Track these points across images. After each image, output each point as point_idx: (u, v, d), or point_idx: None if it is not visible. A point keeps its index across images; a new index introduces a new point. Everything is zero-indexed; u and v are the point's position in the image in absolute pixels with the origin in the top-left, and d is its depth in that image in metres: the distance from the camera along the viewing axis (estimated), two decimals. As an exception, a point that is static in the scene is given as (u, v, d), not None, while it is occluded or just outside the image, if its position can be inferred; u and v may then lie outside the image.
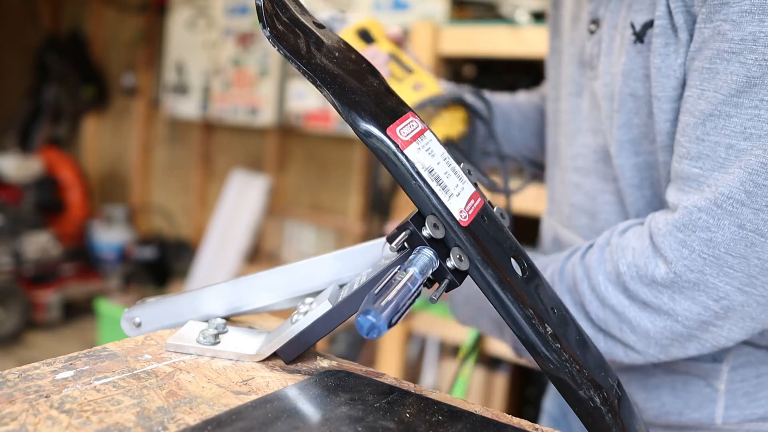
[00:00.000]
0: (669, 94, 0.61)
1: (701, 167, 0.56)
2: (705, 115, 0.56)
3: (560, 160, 0.80)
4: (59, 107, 4.17)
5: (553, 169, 0.84)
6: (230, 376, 0.48)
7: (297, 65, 0.45)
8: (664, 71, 0.61)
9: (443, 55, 1.95)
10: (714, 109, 0.55)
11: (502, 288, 0.45)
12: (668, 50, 0.60)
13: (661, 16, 0.61)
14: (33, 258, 3.40)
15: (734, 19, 0.54)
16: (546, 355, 0.46)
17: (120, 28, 4.02)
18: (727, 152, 0.55)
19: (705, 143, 0.56)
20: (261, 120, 3.23)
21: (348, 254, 0.54)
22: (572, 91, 0.77)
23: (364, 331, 0.37)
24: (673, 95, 0.61)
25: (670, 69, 0.60)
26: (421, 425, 0.43)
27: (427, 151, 0.47)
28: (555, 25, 0.85)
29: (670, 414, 0.70)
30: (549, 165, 0.86)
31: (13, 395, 0.41)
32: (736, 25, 0.54)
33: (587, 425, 0.48)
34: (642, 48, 0.64)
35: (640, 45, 0.64)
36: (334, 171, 3.24)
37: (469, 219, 0.47)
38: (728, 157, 0.54)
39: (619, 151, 0.68)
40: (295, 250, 3.30)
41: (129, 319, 0.58)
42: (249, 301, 0.56)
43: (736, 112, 0.54)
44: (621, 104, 0.66)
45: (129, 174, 4.13)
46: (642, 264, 0.59)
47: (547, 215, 0.87)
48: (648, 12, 0.63)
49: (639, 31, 0.64)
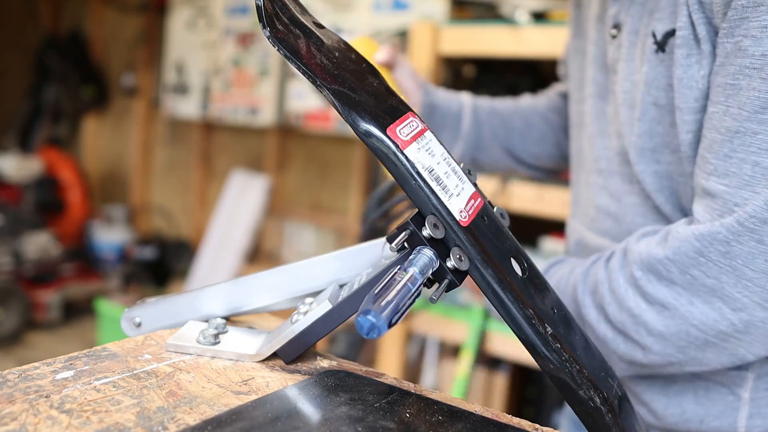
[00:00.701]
0: (691, 105, 0.61)
1: (728, 184, 0.56)
2: (731, 132, 0.56)
3: (584, 162, 0.80)
4: (59, 107, 4.17)
5: (578, 172, 0.83)
6: (230, 376, 0.48)
7: (297, 65, 0.45)
8: (686, 82, 0.61)
9: (443, 55, 1.95)
10: (740, 126, 0.55)
11: (502, 288, 0.45)
12: (690, 61, 0.60)
13: (682, 27, 0.60)
14: (33, 258, 3.40)
15: (754, 35, 0.54)
16: (546, 355, 0.46)
17: (120, 28, 4.02)
18: (753, 169, 0.55)
19: (732, 160, 0.56)
20: (261, 120, 3.23)
21: (348, 254, 0.54)
22: (594, 93, 0.77)
23: (364, 331, 0.37)
24: (696, 106, 0.61)
25: (692, 80, 0.60)
26: (421, 425, 0.43)
27: (427, 151, 0.47)
28: (578, 25, 0.84)
29: (690, 422, 0.68)
30: (573, 168, 0.85)
31: (13, 395, 0.41)
32: (757, 40, 0.54)
33: (587, 425, 0.48)
34: (664, 57, 0.63)
35: (662, 54, 0.63)
36: (334, 171, 3.24)
37: (469, 219, 0.47)
38: (754, 174, 0.55)
39: (639, 158, 0.67)
40: (295, 250, 3.30)
41: (129, 319, 0.58)
42: (249, 301, 0.56)
43: (762, 129, 0.54)
44: (643, 113, 0.66)
45: (129, 174, 4.13)
46: (662, 268, 0.59)
47: (571, 218, 0.86)
48: (669, 21, 0.63)
49: (660, 41, 0.63)
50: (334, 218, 3.20)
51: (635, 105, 0.67)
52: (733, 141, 0.56)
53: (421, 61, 1.95)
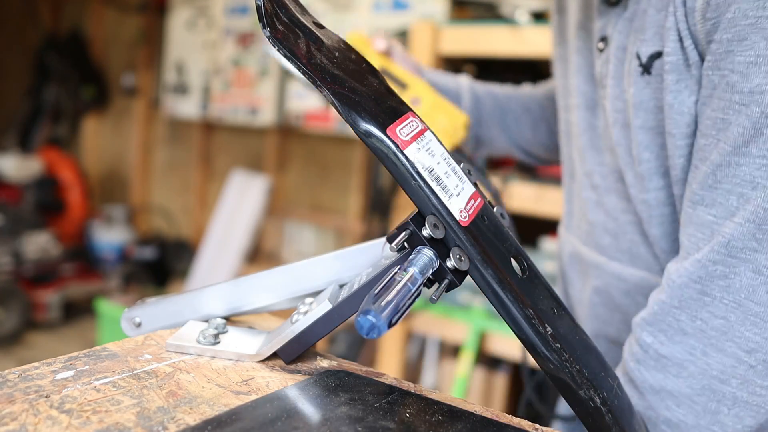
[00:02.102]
0: (683, 131, 0.61)
1: (714, 215, 0.57)
2: (715, 165, 0.56)
3: (575, 174, 0.79)
4: (59, 107, 4.17)
5: (570, 182, 0.82)
6: (230, 376, 0.48)
7: (297, 65, 0.45)
8: (677, 108, 0.60)
9: (443, 55, 1.95)
10: (723, 159, 0.56)
11: (502, 288, 0.45)
12: (680, 86, 0.60)
13: (671, 52, 0.60)
14: (33, 258, 3.40)
15: (741, 71, 0.54)
16: (546, 355, 0.46)
17: (120, 28, 4.02)
18: (738, 201, 0.55)
19: (717, 191, 0.56)
20: (261, 120, 3.23)
21: (348, 254, 0.54)
22: (581, 104, 0.76)
23: (364, 331, 0.37)
24: (687, 132, 0.61)
25: (683, 106, 0.60)
26: (421, 425, 0.43)
27: (427, 151, 0.47)
28: (561, 32, 0.83)
29: None
30: (565, 176, 0.85)
31: (13, 395, 0.41)
32: (743, 76, 0.54)
33: (587, 425, 0.48)
34: (650, 80, 0.63)
35: (647, 77, 0.63)
36: (334, 171, 3.24)
37: (469, 219, 0.47)
38: (739, 206, 0.55)
39: (634, 181, 0.67)
40: (295, 250, 3.30)
41: (129, 319, 0.58)
42: (249, 301, 0.56)
43: (745, 161, 0.54)
44: (633, 136, 0.66)
45: (129, 174, 4.13)
46: (671, 320, 0.58)
47: (564, 229, 0.85)
48: (653, 43, 0.62)
49: (645, 63, 0.63)
50: (334, 218, 3.20)
51: (627, 126, 0.67)
52: (716, 173, 0.56)
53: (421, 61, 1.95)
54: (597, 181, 0.74)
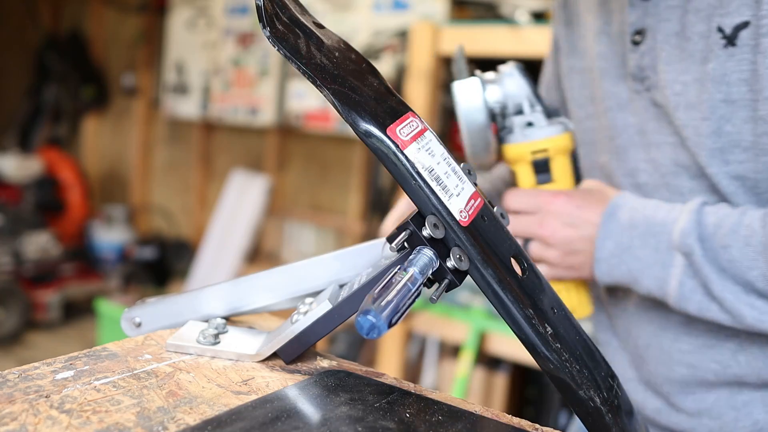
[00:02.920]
0: None
1: None
2: None
3: (612, 177, 0.77)
4: (59, 107, 4.17)
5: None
6: (230, 376, 0.48)
7: (297, 65, 0.45)
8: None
9: (443, 55, 1.95)
10: None
11: (502, 288, 0.45)
12: None
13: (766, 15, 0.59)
14: (33, 258, 3.40)
15: None
16: (546, 355, 0.46)
17: (120, 28, 4.02)
18: None
19: None
20: (261, 120, 3.23)
21: (348, 254, 0.54)
22: (612, 105, 0.75)
23: (364, 331, 0.37)
24: None
25: None
26: (421, 425, 0.43)
27: (427, 151, 0.47)
28: (571, 45, 0.82)
29: (765, 431, 0.66)
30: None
31: (13, 395, 0.41)
32: None
33: (587, 425, 0.48)
34: (735, 51, 0.62)
35: (731, 48, 0.62)
36: (334, 171, 3.24)
37: (469, 219, 0.47)
38: None
39: (710, 160, 0.66)
40: (295, 250, 3.30)
41: (129, 319, 0.58)
42: (249, 301, 0.56)
43: None
44: (711, 111, 0.65)
45: (129, 174, 4.13)
46: None
47: None
48: (737, 14, 0.62)
49: (730, 34, 0.62)
50: (334, 218, 3.20)
51: (696, 105, 0.66)
52: None
53: (421, 61, 1.95)
54: (643, 179, 0.73)
